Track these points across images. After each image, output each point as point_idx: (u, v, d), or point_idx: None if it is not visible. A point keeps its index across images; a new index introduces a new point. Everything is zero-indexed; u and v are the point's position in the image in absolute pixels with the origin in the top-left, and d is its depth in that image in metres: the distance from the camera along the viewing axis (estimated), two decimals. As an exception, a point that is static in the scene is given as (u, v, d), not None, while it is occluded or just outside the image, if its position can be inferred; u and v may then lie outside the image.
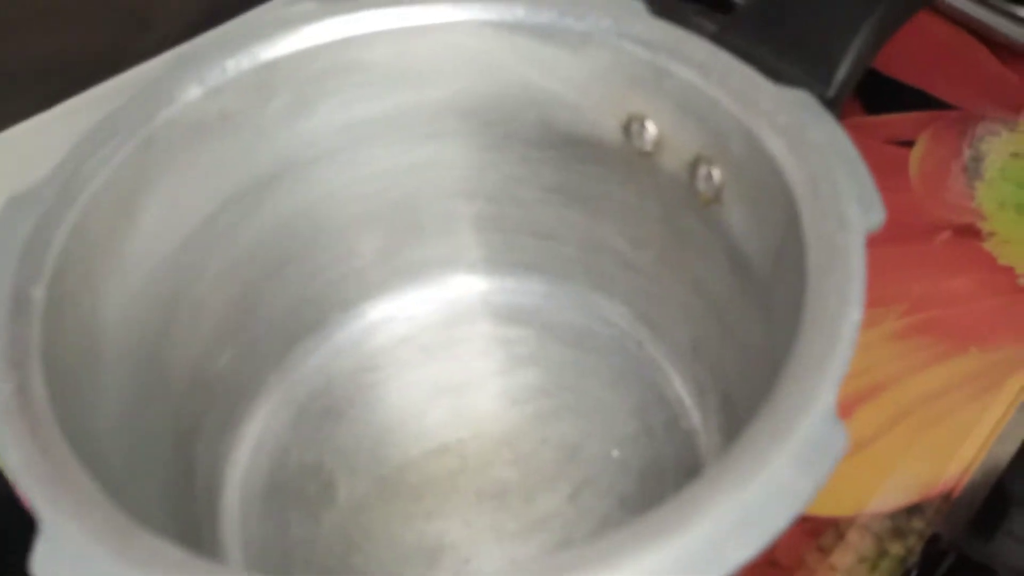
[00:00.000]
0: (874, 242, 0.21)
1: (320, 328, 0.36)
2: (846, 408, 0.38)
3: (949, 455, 0.36)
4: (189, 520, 0.28)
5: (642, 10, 0.27)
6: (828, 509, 0.34)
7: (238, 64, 0.27)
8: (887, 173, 0.50)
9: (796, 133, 0.22)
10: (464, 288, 0.38)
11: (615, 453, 0.33)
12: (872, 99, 0.51)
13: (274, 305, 0.34)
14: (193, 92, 0.26)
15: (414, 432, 0.34)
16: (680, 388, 0.33)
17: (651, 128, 0.28)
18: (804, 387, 0.17)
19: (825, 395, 0.16)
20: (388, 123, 0.32)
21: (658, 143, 0.28)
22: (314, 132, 0.30)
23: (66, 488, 0.16)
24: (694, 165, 0.27)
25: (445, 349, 0.37)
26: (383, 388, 0.36)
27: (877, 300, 0.43)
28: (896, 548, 0.34)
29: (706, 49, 0.25)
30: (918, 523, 0.35)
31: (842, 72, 0.27)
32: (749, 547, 0.14)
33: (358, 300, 0.37)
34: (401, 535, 0.31)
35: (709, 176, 0.26)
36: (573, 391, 0.35)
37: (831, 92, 0.27)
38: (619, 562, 0.14)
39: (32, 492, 0.16)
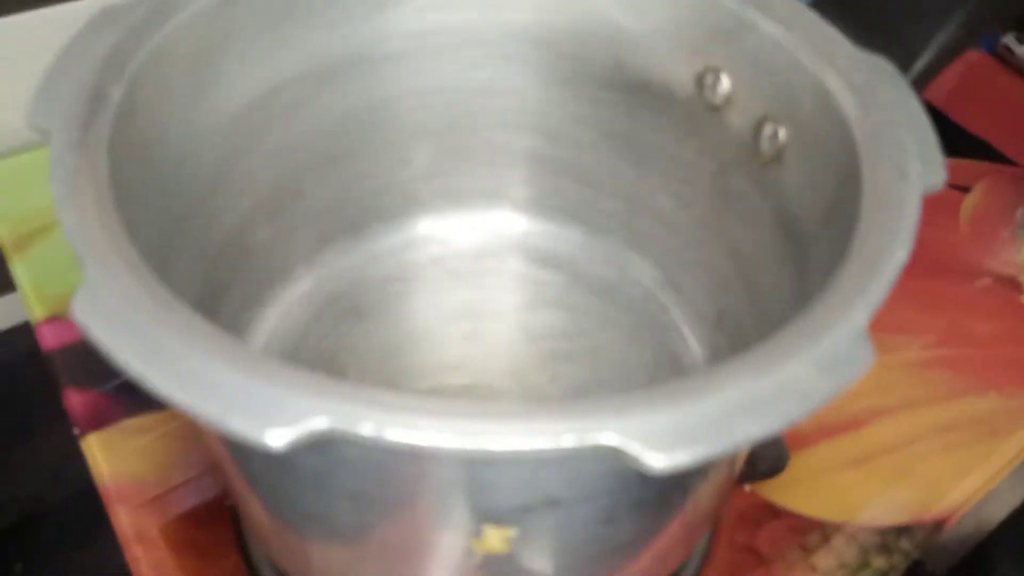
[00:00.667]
0: (913, 273, 0.21)
1: (358, 231, 0.37)
2: (857, 422, 0.38)
3: (948, 488, 0.36)
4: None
5: (738, -40, 0.27)
6: (818, 511, 0.35)
7: (334, -59, 0.27)
8: (939, 212, 0.50)
9: (868, 92, 0.22)
10: (504, 223, 0.38)
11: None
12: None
13: (318, 197, 0.34)
14: (291, -46, 0.26)
15: (429, 346, 0.35)
16: (697, 355, 0.33)
17: (725, 82, 0.28)
18: (839, 304, 0.17)
19: (859, 315, 0.17)
20: (460, 37, 0.32)
21: (729, 98, 0.28)
22: (388, 30, 0.31)
23: (114, 253, 0.16)
24: (760, 123, 0.27)
25: (474, 277, 0.37)
26: (407, 300, 0.36)
27: (906, 327, 0.43)
28: (879, 562, 0.34)
29: (792, 6, 0.25)
30: (906, 544, 0.35)
31: (924, 60, 0.27)
32: (756, 425, 0.15)
33: (399, 213, 0.37)
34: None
35: (774, 135, 0.26)
36: (590, 339, 0.35)
37: (909, 77, 0.27)
38: (631, 413, 0.15)
39: (80, 245, 0.16)
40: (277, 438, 0.14)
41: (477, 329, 0.35)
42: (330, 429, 0.14)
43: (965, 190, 0.50)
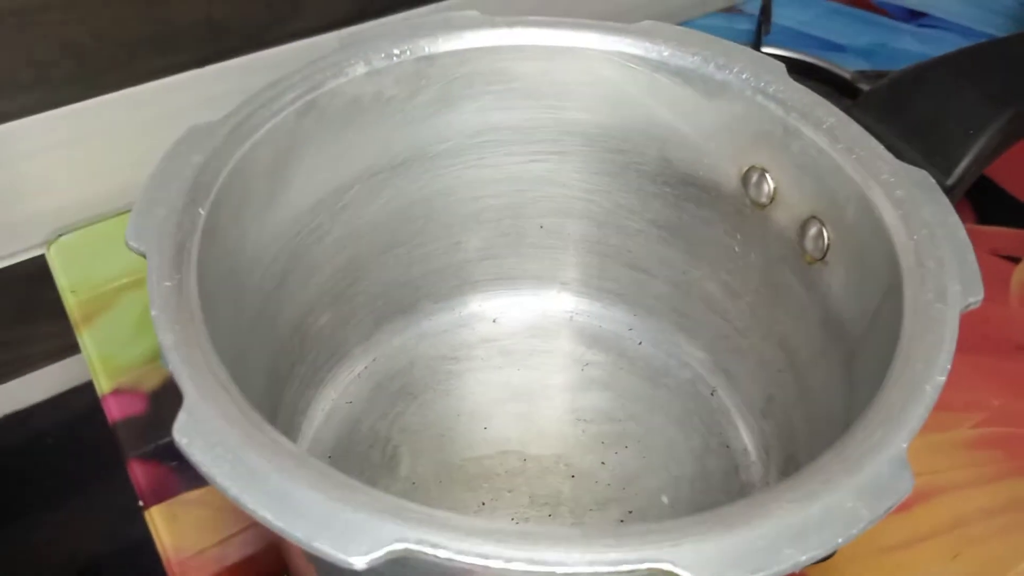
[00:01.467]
0: (962, 349, 0.22)
1: (411, 312, 0.38)
2: (907, 503, 0.38)
3: (1000, 572, 0.36)
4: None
5: (782, 71, 0.28)
6: (868, 594, 0.35)
7: (401, 53, 0.29)
8: (988, 284, 0.49)
9: (911, 208, 0.23)
10: (554, 303, 0.39)
11: (664, 499, 0.33)
12: (986, 209, 0.51)
13: (376, 281, 0.36)
14: (359, 69, 0.28)
15: (481, 428, 0.36)
16: (747, 440, 0.34)
17: (770, 181, 0.29)
18: (880, 430, 0.18)
19: (899, 441, 0.17)
20: (518, 133, 0.34)
21: (774, 197, 0.29)
22: (450, 128, 0.33)
23: (206, 374, 0.18)
24: (806, 224, 0.28)
25: (524, 357, 0.38)
26: (459, 380, 0.37)
27: (955, 405, 0.43)
28: (930, 646, 0.34)
29: (837, 116, 0.27)
30: (957, 628, 0.35)
31: (962, 166, 0.28)
32: (804, 552, 0.15)
33: (451, 294, 0.39)
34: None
35: (819, 236, 0.27)
36: (639, 422, 0.36)
37: (949, 182, 0.27)
38: (682, 542, 0.16)
39: (179, 372, 0.18)
40: (360, 560, 0.15)
41: (527, 410, 0.36)
42: (408, 552, 0.15)
43: (1015, 260, 0.49)
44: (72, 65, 0.44)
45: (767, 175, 0.29)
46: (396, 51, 0.29)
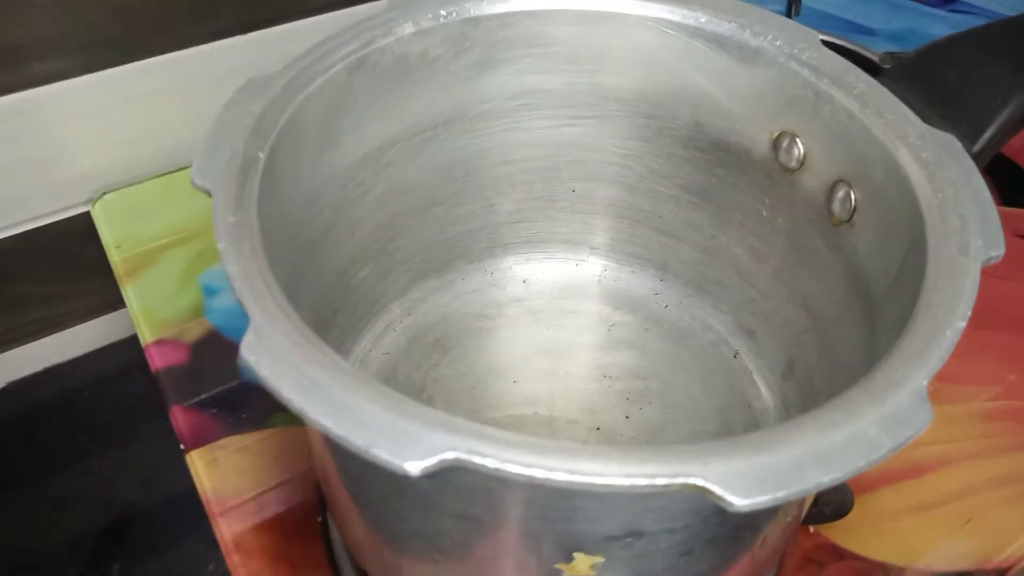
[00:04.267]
0: (981, 325, 0.23)
1: (446, 270, 0.39)
2: (920, 469, 0.39)
3: (1011, 538, 0.37)
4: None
5: (815, 38, 0.29)
6: (881, 555, 0.36)
7: (448, 14, 0.30)
8: (1011, 263, 0.50)
9: (937, 168, 0.24)
10: (583, 266, 0.40)
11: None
12: (1011, 191, 0.52)
13: (413, 239, 0.37)
14: (407, 29, 0.29)
15: (510, 381, 0.37)
16: (767, 400, 0.35)
17: (800, 146, 0.30)
18: (902, 368, 0.19)
19: (919, 379, 0.19)
20: (554, 97, 0.35)
21: (804, 161, 0.30)
22: (490, 90, 0.34)
23: (269, 300, 0.19)
24: (833, 187, 0.29)
25: (553, 316, 0.39)
26: (490, 337, 0.39)
27: (971, 378, 0.44)
28: (940, 607, 0.35)
29: (867, 82, 0.27)
30: (968, 589, 0.36)
31: (988, 133, 0.29)
32: (827, 474, 0.17)
33: (484, 254, 0.40)
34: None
35: (847, 198, 0.28)
36: (663, 380, 0.37)
37: (975, 148, 0.28)
38: (712, 460, 0.17)
39: (245, 296, 0.19)
40: (414, 466, 0.16)
41: (555, 366, 0.38)
42: (458, 461, 0.17)
43: (1037, 241, 0.50)
44: (118, 29, 0.46)
45: (797, 140, 0.30)
46: (443, 12, 0.30)
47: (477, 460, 0.17)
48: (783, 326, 0.34)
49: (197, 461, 0.39)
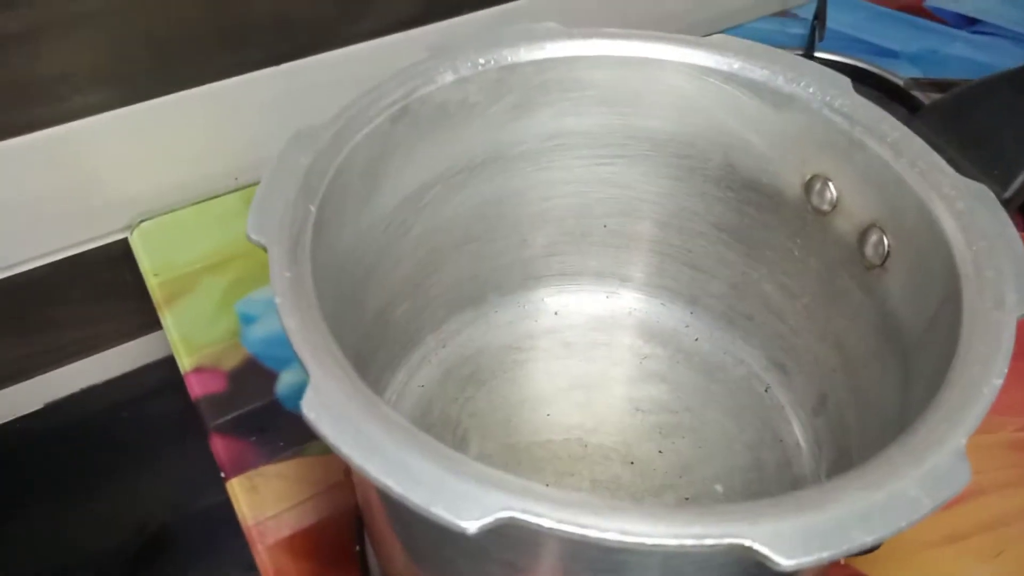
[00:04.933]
0: (1013, 355, 0.24)
1: (480, 303, 0.40)
2: (951, 500, 0.39)
3: (1040, 571, 0.37)
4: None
5: (848, 86, 0.30)
6: (910, 588, 0.36)
7: (486, 62, 0.31)
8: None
9: (970, 219, 0.25)
10: (614, 299, 0.41)
11: (718, 488, 0.35)
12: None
13: (449, 274, 0.38)
14: (447, 77, 0.30)
15: (544, 414, 0.38)
16: (799, 435, 0.36)
17: (833, 189, 0.30)
18: (941, 426, 0.19)
19: (958, 437, 0.19)
20: (589, 138, 0.36)
21: (836, 204, 0.30)
22: (526, 132, 0.35)
23: (326, 355, 0.20)
24: (866, 231, 0.29)
25: (585, 349, 0.40)
26: (523, 369, 0.39)
27: (1000, 408, 0.44)
28: (970, 640, 0.36)
29: (901, 131, 0.28)
30: (997, 624, 0.36)
31: (1020, 179, 0.29)
32: (870, 534, 0.17)
33: (517, 287, 0.41)
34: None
35: (879, 243, 0.28)
36: (695, 414, 0.37)
37: (1006, 194, 0.29)
38: (760, 521, 0.17)
39: (303, 353, 0.20)
40: (472, 525, 0.17)
41: (588, 399, 0.38)
42: (513, 520, 0.17)
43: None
44: (153, 62, 0.47)
45: (830, 183, 0.31)
46: (481, 60, 0.31)
47: (532, 520, 0.17)
48: (814, 363, 0.35)
49: (237, 488, 0.39)
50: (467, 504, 0.17)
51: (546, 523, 0.17)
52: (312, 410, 0.19)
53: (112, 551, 0.52)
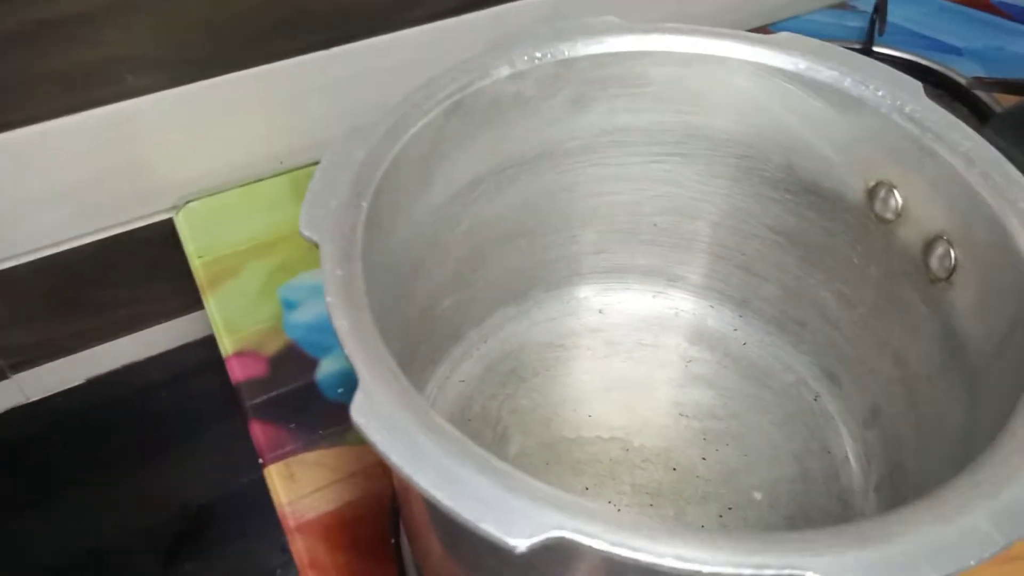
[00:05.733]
0: None
1: (523, 299, 0.40)
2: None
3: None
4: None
5: (919, 90, 0.29)
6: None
7: (543, 56, 0.30)
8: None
9: (1049, 237, 0.24)
10: (662, 299, 0.40)
11: (757, 496, 0.34)
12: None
13: (495, 268, 0.37)
14: (503, 71, 0.30)
15: (586, 415, 0.37)
16: (848, 447, 0.35)
17: (898, 197, 0.29)
18: (1016, 458, 0.18)
19: (1035, 472, 0.18)
20: (644, 135, 0.35)
21: (901, 213, 0.29)
22: (581, 128, 0.34)
23: (376, 358, 0.20)
24: (932, 242, 0.28)
25: (630, 349, 0.39)
26: (566, 367, 0.39)
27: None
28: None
29: (974, 140, 0.27)
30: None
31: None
32: (939, 570, 0.16)
33: (564, 283, 0.40)
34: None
35: (946, 256, 0.27)
36: (741, 421, 0.37)
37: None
38: (823, 552, 0.17)
39: (354, 356, 0.20)
40: (522, 543, 0.17)
41: (631, 400, 0.37)
42: (564, 540, 0.17)
43: None
44: (208, 45, 0.47)
45: (895, 191, 0.29)
46: (538, 54, 0.30)
47: (585, 541, 0.17)
48: (869, 374, 0.34)
49: (275, 475, 0.39)
50: (518, 521, 0.17)
51: (599, 544, 0.17)
52: (362, 416, 0.18)
53: (150, 530, 0.53)
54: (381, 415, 0.19)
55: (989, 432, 0.21)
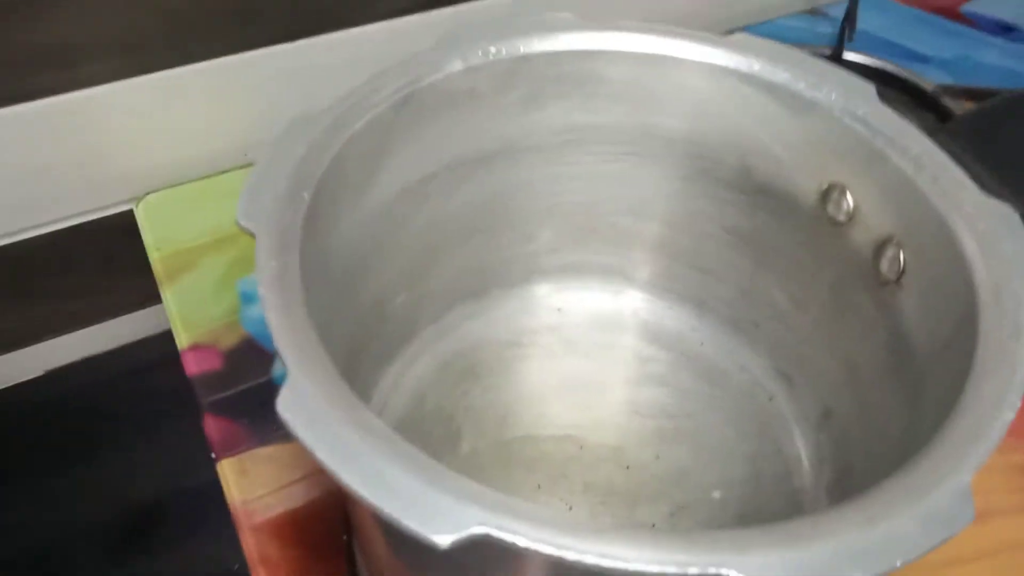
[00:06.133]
0: None
1: (481, 297, 0.39)
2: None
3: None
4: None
5: (872, 94, 0.29)
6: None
7: (497, 51, 0.30)
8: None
9: (992, 241, 0.24)
10: (619, 298, 0.40)
11: (716, 495, 0.34)
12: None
13: (451, 266, 0.37)
14: (456, 66, 0.29)
15: (540, 413, 0.37)
16: (800, 448, 0.35)
17: (850, 199, 0.29)
18: (947, 462, 0.18)
19: (963, 474, 0.18)
20: (600, 134, 0.35)
21: (853, 215, 0.29)
22: (536, 126, 0.34)
23: (307, 353, 0.19)
24: (882, 245, 0.28)
25: (587, 348, 0.39)
26: (522, 365, 0.39)
27: (1013, 430, 0.43)
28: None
29: (924, 144, 0.27)
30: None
31: (1047, 198, 0.28)
32: (864, 571, 0.16)
33: (520, 281, 0.40)
34: (508, 499, 0.34)
35: (896, 258, 0.27)
36: (694, 420, 0.37)
37: (1032, 214, 0.27)
38: (749, 551, 0.17)
39: (284, 351, 0.19)
40: (444, 540, 0.16)
41: (586, 399, 0.37)
42: (488, 537, 0.17)
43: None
44: (167, 33, 0.46)
45: (847, 193, 0.30)
46: (493, 49, 0.30)
47: (507, 538, 0.17)
48: (821, 375, 0.34)
49: (227, 470, 0.39)
50: (440, 518, 0.17)
51: (522, 541, 0.16)
52: (287, 410, 0.18)
53: (104, 523, 0.52)
54: (307, 410, 0.18)
55: (929, 435, 0.21)
